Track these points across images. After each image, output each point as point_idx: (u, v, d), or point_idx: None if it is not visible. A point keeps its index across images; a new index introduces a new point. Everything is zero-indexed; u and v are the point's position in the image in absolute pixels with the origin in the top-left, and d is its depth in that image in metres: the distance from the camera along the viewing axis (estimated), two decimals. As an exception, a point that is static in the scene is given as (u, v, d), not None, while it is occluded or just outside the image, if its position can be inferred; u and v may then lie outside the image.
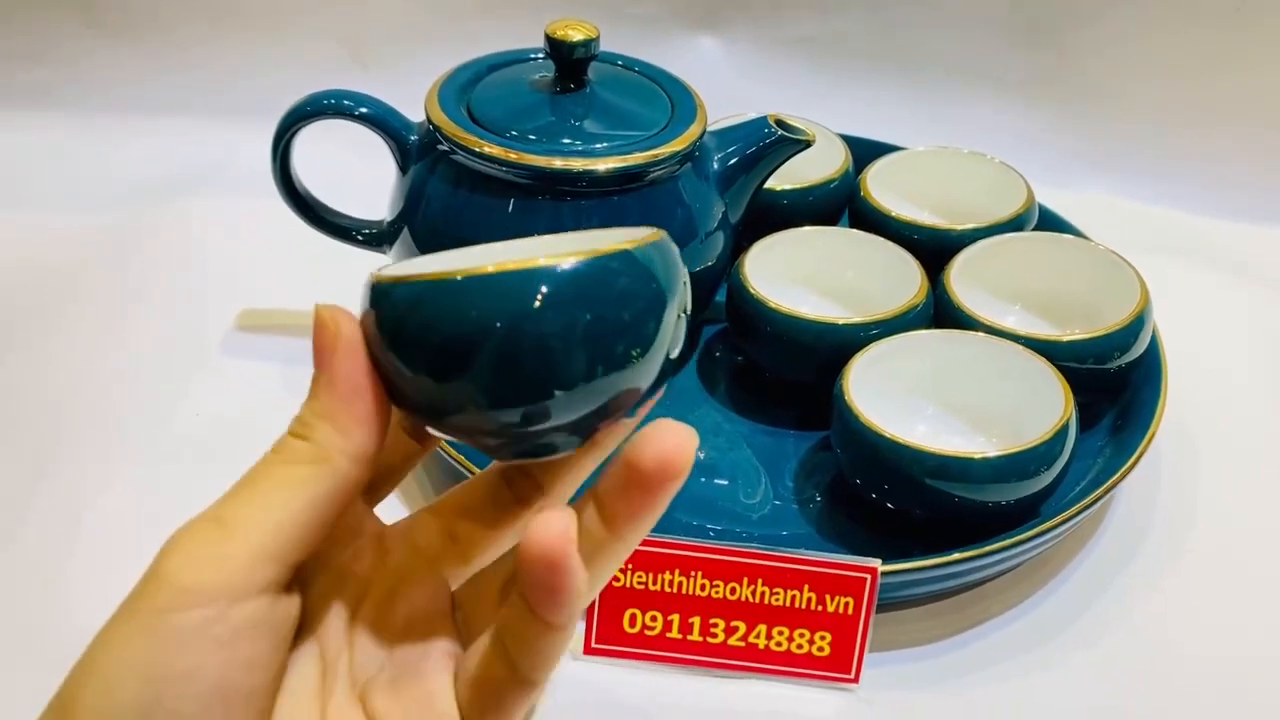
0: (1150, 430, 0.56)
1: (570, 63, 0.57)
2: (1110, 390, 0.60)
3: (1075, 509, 0.51)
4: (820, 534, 0.54)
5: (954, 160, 0.72)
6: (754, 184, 0.61)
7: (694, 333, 0.66)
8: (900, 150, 0.73)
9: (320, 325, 0.28)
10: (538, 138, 0.55)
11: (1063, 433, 0.51)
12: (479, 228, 0.55)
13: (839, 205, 0.70)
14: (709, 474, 0.57)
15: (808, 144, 0.60)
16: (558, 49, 0.57)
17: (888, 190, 0.69)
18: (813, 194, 0.69)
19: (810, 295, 0.63)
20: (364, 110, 0.58)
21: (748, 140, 0.60)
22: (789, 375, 0.60)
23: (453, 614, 0.32)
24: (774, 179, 0.62)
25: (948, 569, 0.49)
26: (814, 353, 0.57)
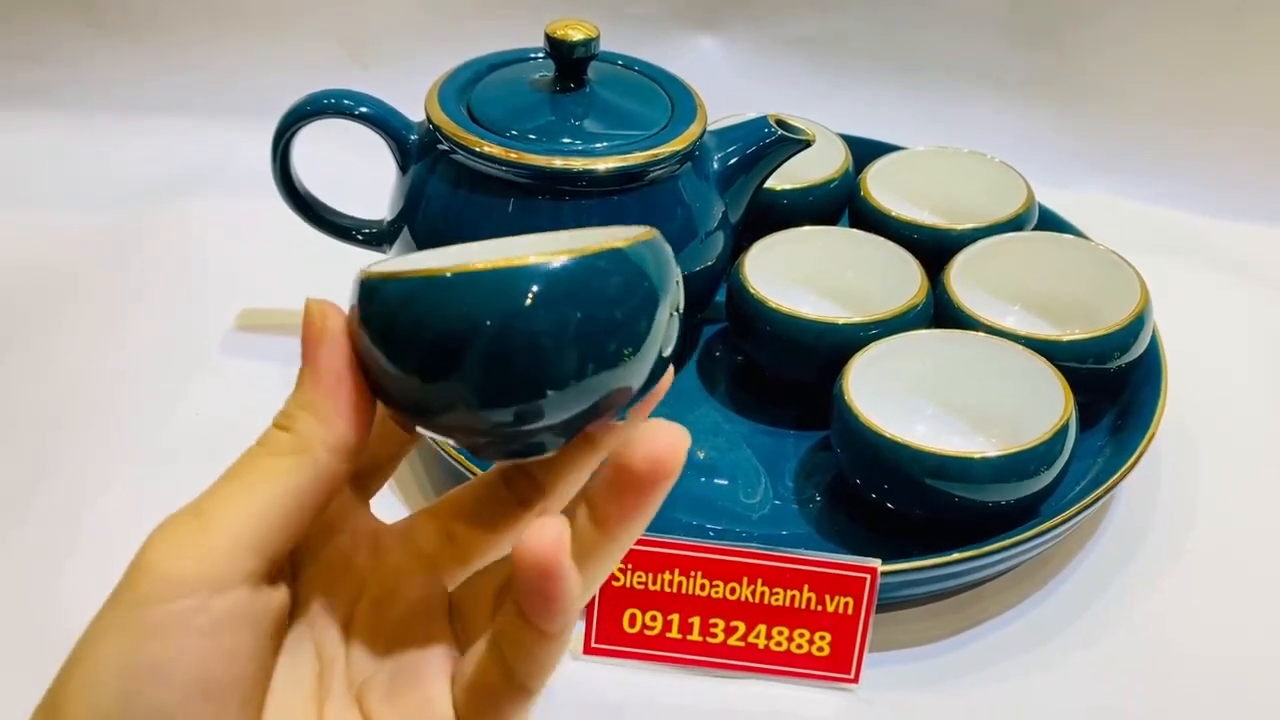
0: (1150, 430, 0.56)
1: (570, 62, 0.57)
2: (1110, 390, 0.60)
3: (1075, 509, 0.51)
4: (820, 534, 0.54)
5: (954, 160, 0.72)
6: (754, 184, 0.61)
7: (694, 332, 0.66)
8: (900, 150, 0.73)
9: (308, 318, 0.29)
10: (538, 137, 0.55)
11: (1062, 433, 0.51)
12: (479, 227, 0.55)
13: (839, 205, 0.70)
14: (709, 474, 0.57)
15: (808, 144, 0.60)
16: (558, 48, 0.57)
17: (888, 190, 0.69)
18: (813, 194, 0.68)
19: (810, 295, 0.63)
20: (364, 110, 0.58)
21: (748, 140, 0.60)
22: (789, 375, 0.60)
23: (450, 617, 0.32)
24: (774, 179, 0.62)
25: (947, 569, 0.49)
26: (814, 352, 0.57)
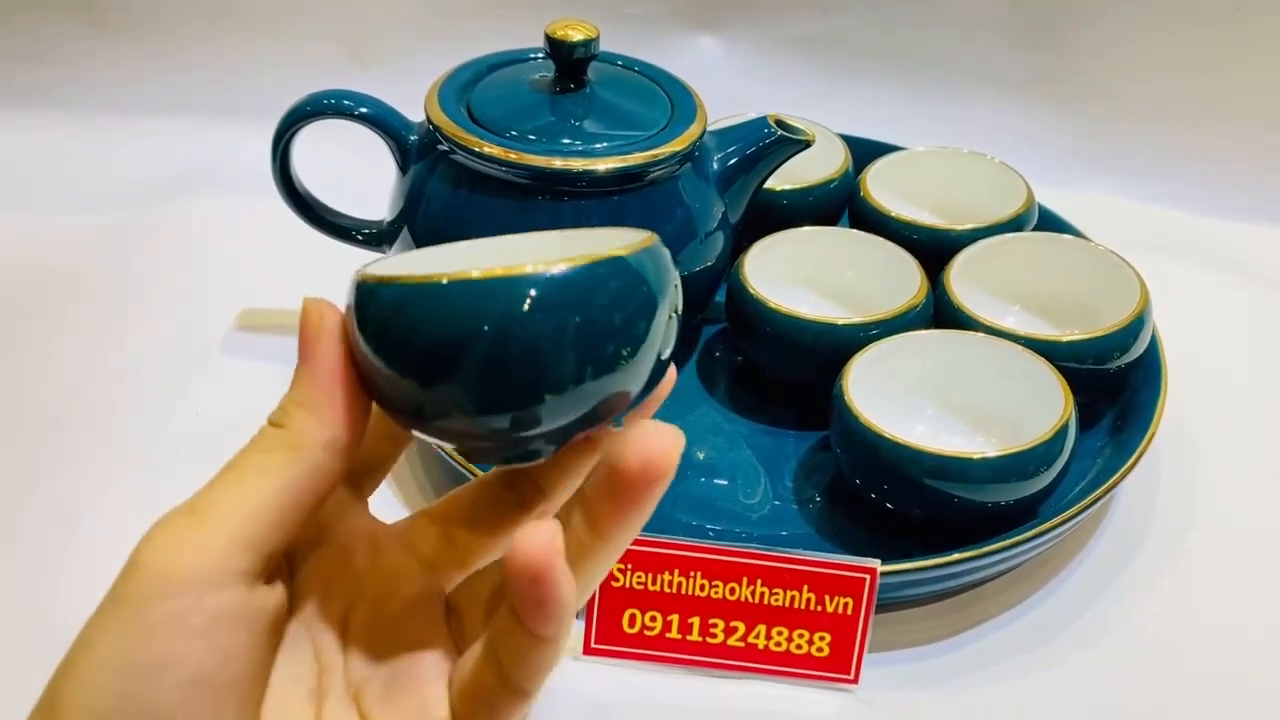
0: (1150, 430, 0.56)
1: (570, 63, 0.57)
2: (1110, 390, 0.60)
3: (1075, 509, 0.51)
4: (820, 534, 0.54)
5: (954, 160, 0.72)
6: (754, 184, 0.61)
7: (694, 333, 0.66)
8: (900, 150, 0.73)
9: (305, 317, 0.29)
10: (537, 138, 0.55)
11: (1062, 433, 0.51)
12: (479, 228, 0.55)
13: (839, 205, 0.70)
14: (709, 474, 0.57)
15: (807, 144, 0.60)
16: (558, 49, 0.57)
17: (887, 190, 0.69)
18: (812, 194, 0.68)
19: (810, 295, 0.63)
20: (364, 110, 0.58)
21: (748, 140, 0.60)
22: (789, 375, 0.60)
23: (447, 618, 0.32)
24: (774, 179, 0.62)
25: (947, 569, 0.49)
26: (814, 353, 0.57)
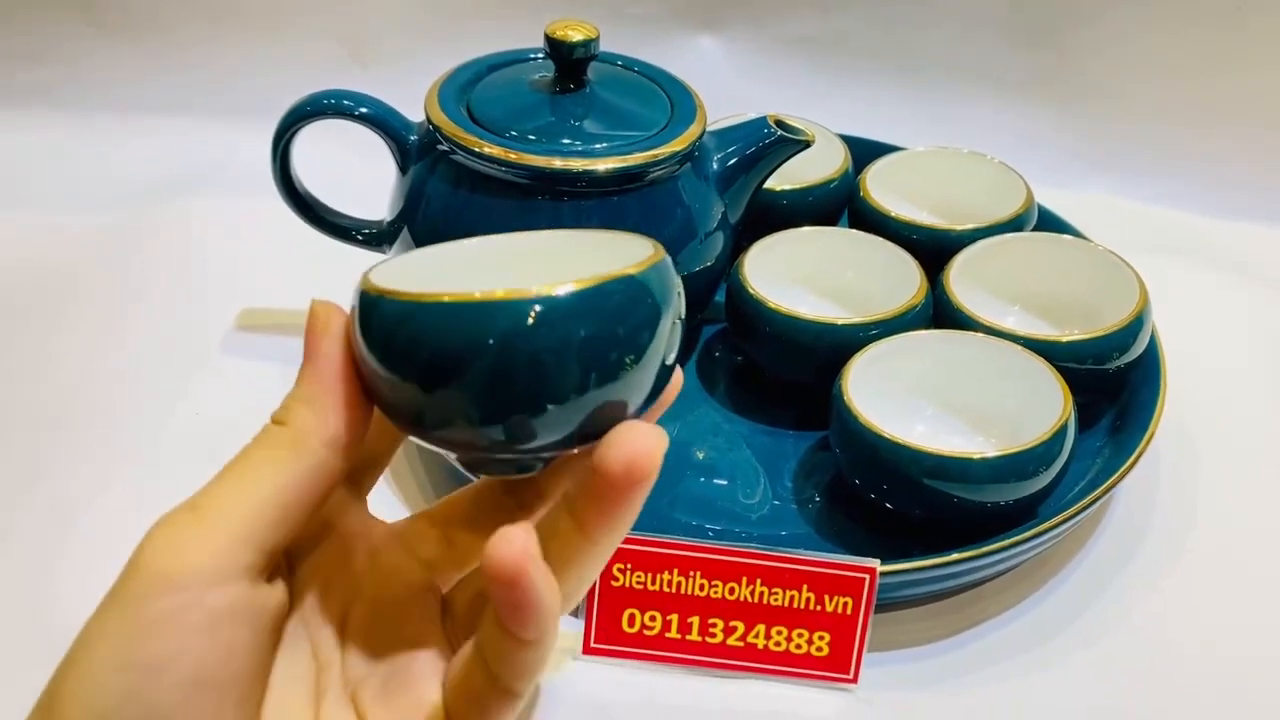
0: (1149, 430, 0.56)
1: (570, 63, 0.57)
2: (1109, 390, 0.60)
3: (1074, 509, 0.51)
4: (819, 534, 0.54)
5: (953, 160, 0.72)
6: (753, 184, 0.61)
7: (694, 333, 0.66)
8: (900, 150, 0.73)
9: (312, 318, 0.29)
10: (537, 138, 0.55)
11: (1061, 433, 0.51)
12: (479, 228, 0.54)
13: (838, 205, 0.70)
14: (708, 474, 0.57)
15: (807, 144, 0.60)
16: (557, 49, 0.57)
17: (887, 190, 0.69)
18: (812, 194, 0.68)
19: (810, 295, 0.63)
20: (364, 110, 0.58)
21: (747, 140, 0.60)
22: (788, 375, 0.60)
23: (443, 619, 0.32)
24: (773, 179, 0.62)
25: (946, 569, 0.49)
26: (813, 353, 0.57)
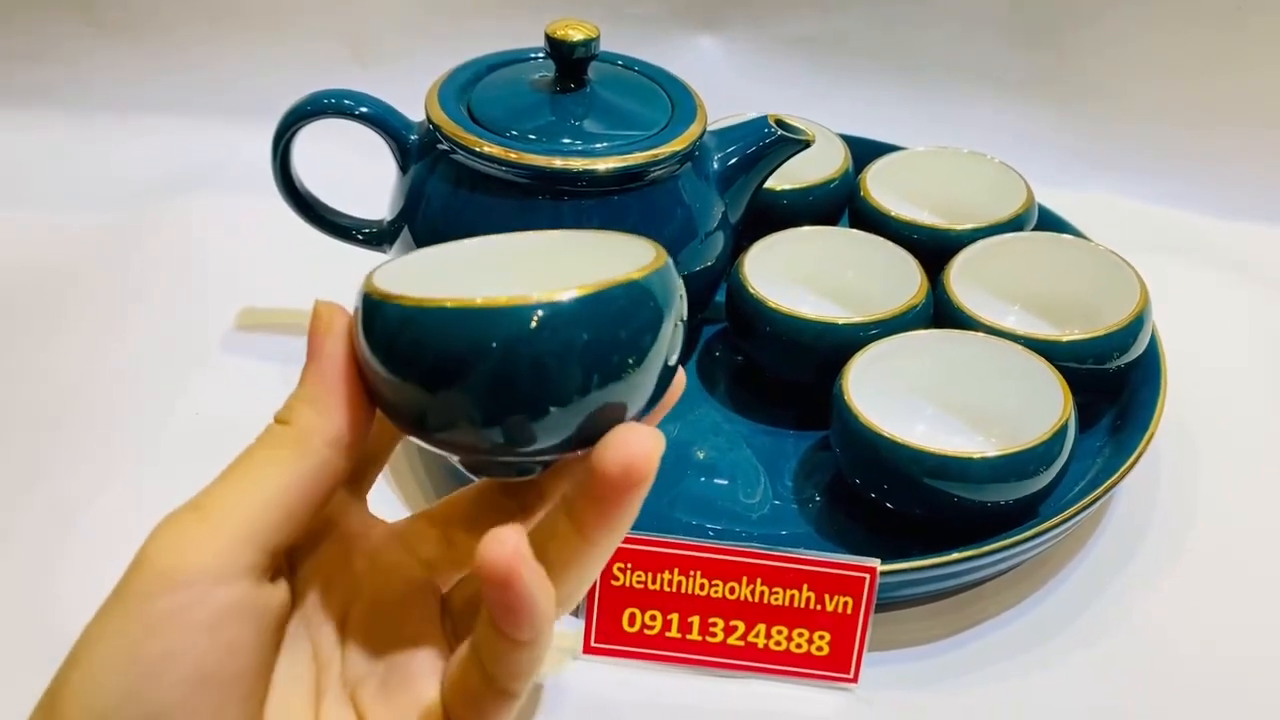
0: (1149, 430, 0.56)
1: (570, 62, 0.57)
2: (1110, 390, 0.60)
3: (1074, 509, 0.51)
4: (819, 533, 0.54)
5: (954, 160, 0.72)
6: (754, 184, 0.61)
7: (694, 332, 0.66)
8: (900, 150, 0.73)
9: (315, 319, 0.29)
10: (538, 137, 0.55)
11: (1062, 433, 0.51)
12: (479, 227, 0.54)
13: (839, 205, 0.70)
14: (708, 473, 0.57)
15: (807, 144, 0.60)
16: (558, 49, 0.57)
17: (887, 190, 0.69)
18: (812, 194, 0.68)
19: (810, 295, 0.63)
20: (364, 109, 0.58)
21: (748, 140, 0.60)
22: (789, 375, 0.60)
23: (443, 618, 0.32)
24: (774, 179, 0.62)
25: (947, 569, 0.49)
26: (813, 352, 0.57)
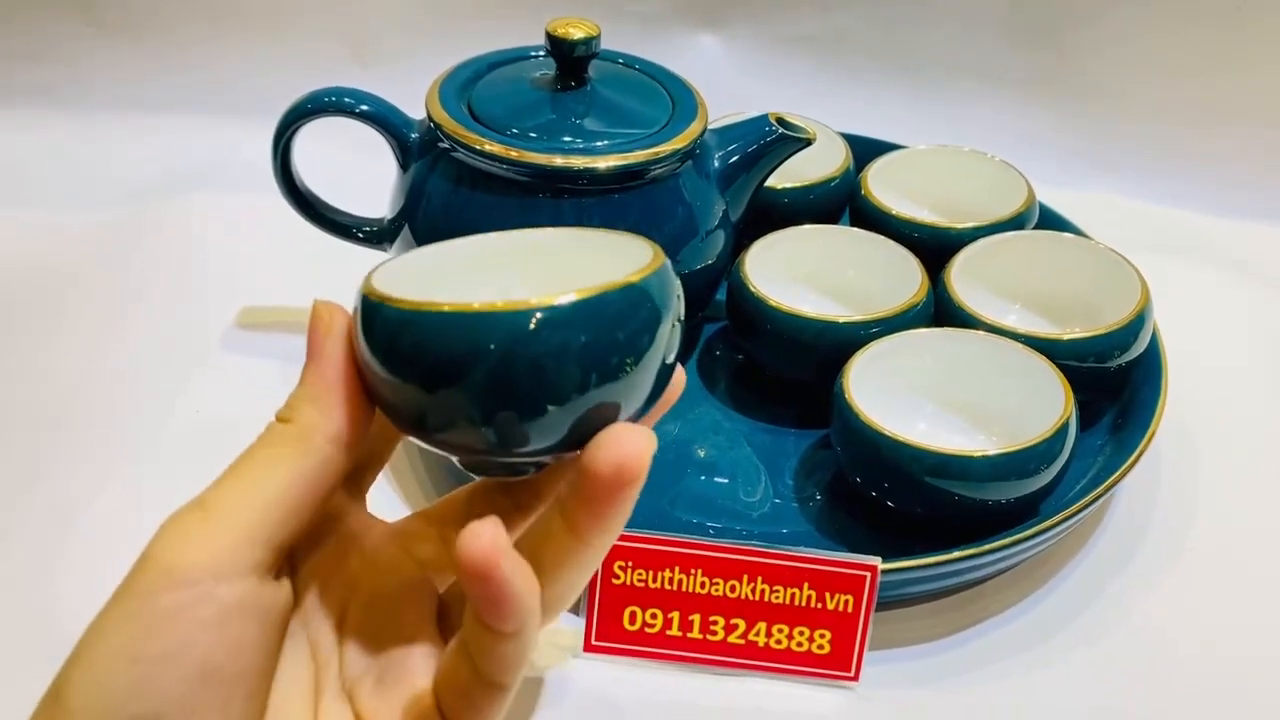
0: (1150, 429, 0.56)
1: (571, 61, 0.57)
2: (1110, 389, 0.60)
3: (1075, 508, 0.51)
4: (820, 532, 0.54)
5: (954, 159, 0.72)
6: (755, 182, 0.61)
7: (694, 331, 0.66)
8: (901, 149, 0.73)
9: (315, 319, 0.29)
10: (538, 135, 0.55)
11: (1062, 431, 0.51)
12: (479, 225, 0.55)
13: (840, 203, 0.70)
14: (709, 472, 0.57)
15: (808, 142, 0.60)
16: (559, 47, 0.57)
17: (888, 189, 0.69)
18: (813, 192, 0.68)
19: (811, 293, 0.63)
20: (364, 108, 0.58)
21: (748, 138, 0.60)
22: (789, 373, 0.60)
23: (438, 616, 0.32)
24: (775, 177, 0.62)
25: (948, 567, 0.49)
26: (814, 351, 0.57)
